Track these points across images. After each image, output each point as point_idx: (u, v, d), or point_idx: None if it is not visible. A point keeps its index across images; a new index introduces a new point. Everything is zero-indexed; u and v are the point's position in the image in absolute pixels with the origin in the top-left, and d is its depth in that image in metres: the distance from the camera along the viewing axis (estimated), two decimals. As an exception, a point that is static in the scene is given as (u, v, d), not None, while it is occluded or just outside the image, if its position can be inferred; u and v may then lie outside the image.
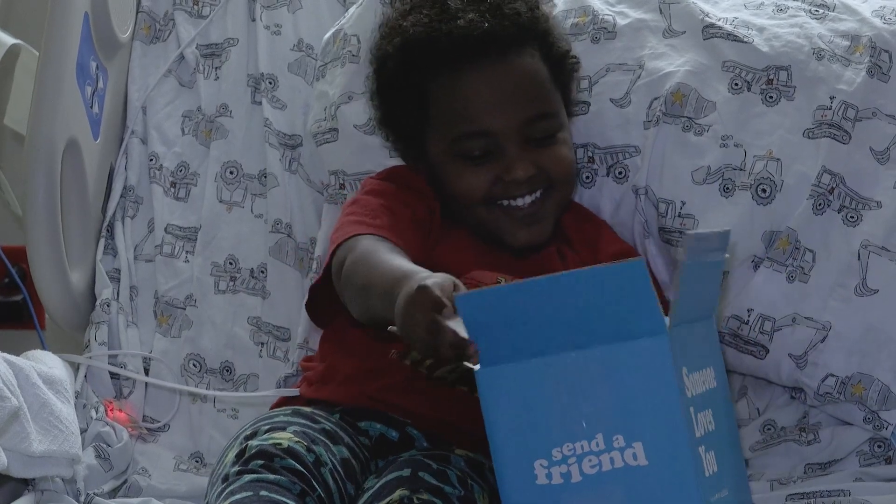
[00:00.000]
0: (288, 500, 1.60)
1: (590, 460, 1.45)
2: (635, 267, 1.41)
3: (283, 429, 1.70)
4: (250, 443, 1.67)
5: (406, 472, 1.66)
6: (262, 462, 1.64)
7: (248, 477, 1.62)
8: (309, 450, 1.67)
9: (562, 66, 2.02)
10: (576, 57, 2.07)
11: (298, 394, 1.96)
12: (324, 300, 1.94)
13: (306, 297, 1.99)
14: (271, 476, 1.62)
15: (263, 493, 1.60)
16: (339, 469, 1.70)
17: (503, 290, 1.46)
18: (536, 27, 1.99)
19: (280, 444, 1.66)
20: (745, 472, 1.68)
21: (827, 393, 2.00)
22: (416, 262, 1.76)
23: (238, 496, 1.60)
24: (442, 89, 1.95)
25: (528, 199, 1.95)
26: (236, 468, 1.65)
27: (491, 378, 1.47)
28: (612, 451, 1.44)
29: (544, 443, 1.46)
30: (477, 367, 1.48)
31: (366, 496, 1.66)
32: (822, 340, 1.99)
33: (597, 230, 2.06)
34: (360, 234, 1.86)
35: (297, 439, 1.67)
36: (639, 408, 1.44)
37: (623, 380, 1.44)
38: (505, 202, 1.95)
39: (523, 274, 1.59)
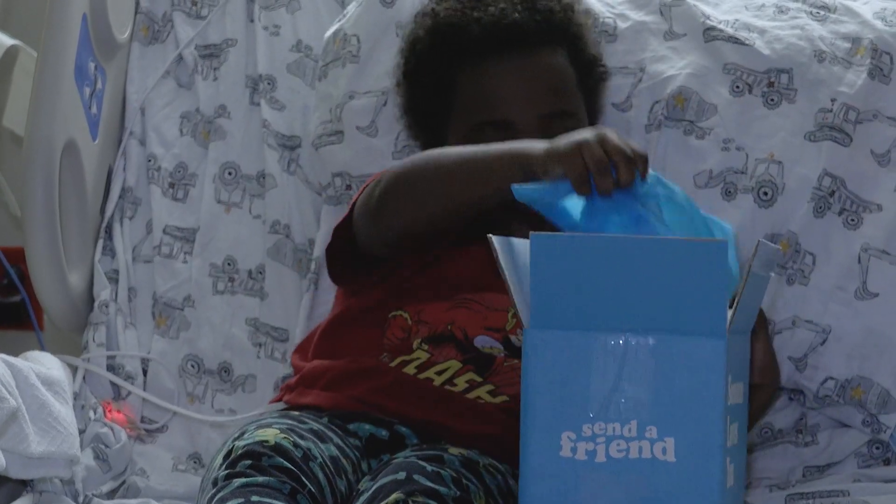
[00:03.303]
0: (279, 503, 1.59)
1: (618, 444, 1.42)
2: (718, 248, 1.39)
3: (269, 426, 1.70)
4: (237, 443, 1.66)
5: (401, 475, 1.65)
6: (251, 462, 1.63)
7: (237, 481, 1.61)
8: (296, 445, 1.66)
9: (590, 72, 2.02)
10: (605, 66, 2.07)
11: (284, 406, 1.95)
12: (342, 256, 1.94)
13: (328, 240, 1.96)
14: (260, 478, 1.61)
15: (255, 498, 1.59)
16: (329, 464, 1.69)
17: (582, 239, 1.44)
18: (568, 28, 2.00)
19: (266, 441, 1.65)
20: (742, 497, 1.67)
21: (826, 396, 2.00)
22: None
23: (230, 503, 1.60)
24: (467, 77, 1.96)
25: None
26: (224, 471, 1.63)
27: (539, 340, 1.44)
28: (643, 440, 1.42)
29: (577, 416, 1.43)
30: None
31: (360, 500, 1.65)
32: (822, 343, 2.00)
33: None
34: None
35: (283, 435, 1.67)
36: (680, 405, 1.41)
37: (672, 373, 1.42)
38: None
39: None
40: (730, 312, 1.44)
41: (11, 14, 2.66)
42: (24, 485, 1.87)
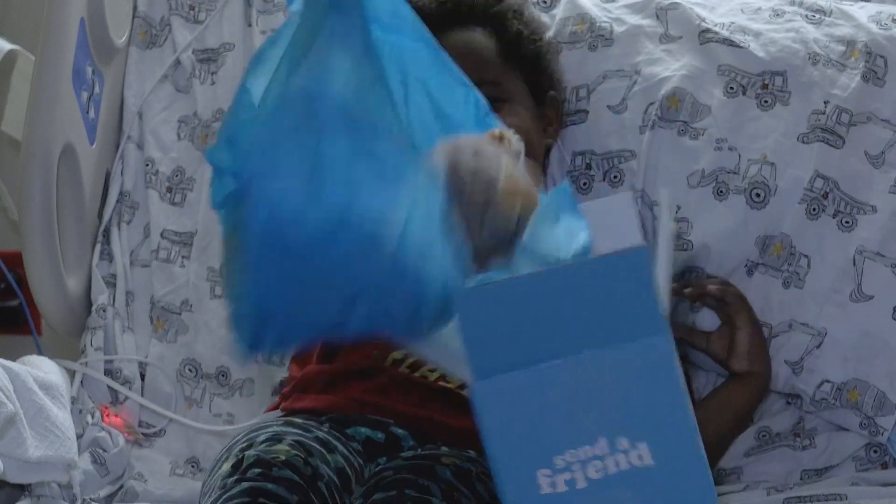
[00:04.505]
0: None
1: (594, 465, 1.41)
2: (638, 255, 1.39)
3: (280, 441, 1.70)
4: (247, 453, 1.67)
5: (392, 492, 1.66)
6: (260, 470, 1.64)
7: (246, 485, 1.62)
8: (306, 462, 1.67)
9: (517, 45, 2.05)
10: (540, 38, 2.10)
11: (282, 413, 1.95)
12: None
13: None
14: (269, 486, 1.62)
15: (262, 500, 1.60)
16: (336, 481, 1.70)
17: (503, 284, 1.43)
18: (487, 11, 2.06)
19: (277, 457, 1.66)
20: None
21: (823, 399, 2.00)
22: None
23: (235, 502, 1.60)
24: None
25: None
26: (234, 477, 1.64)
27: (487, 390, 1.43)
28: (617, 453, 1.41)
29: (546, 451, 1.42)
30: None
31: (353, 518, 1.67)
32: (818, 346, 2.00)
33: None
34: None
35: (294, 452, 1.67)
36: (641, 408, 1.40)
37: (624, 382, 1.41)
38: None
39: None
40: None
41: (9, 18, 2.66)
42: (21, 489, 1.87)
